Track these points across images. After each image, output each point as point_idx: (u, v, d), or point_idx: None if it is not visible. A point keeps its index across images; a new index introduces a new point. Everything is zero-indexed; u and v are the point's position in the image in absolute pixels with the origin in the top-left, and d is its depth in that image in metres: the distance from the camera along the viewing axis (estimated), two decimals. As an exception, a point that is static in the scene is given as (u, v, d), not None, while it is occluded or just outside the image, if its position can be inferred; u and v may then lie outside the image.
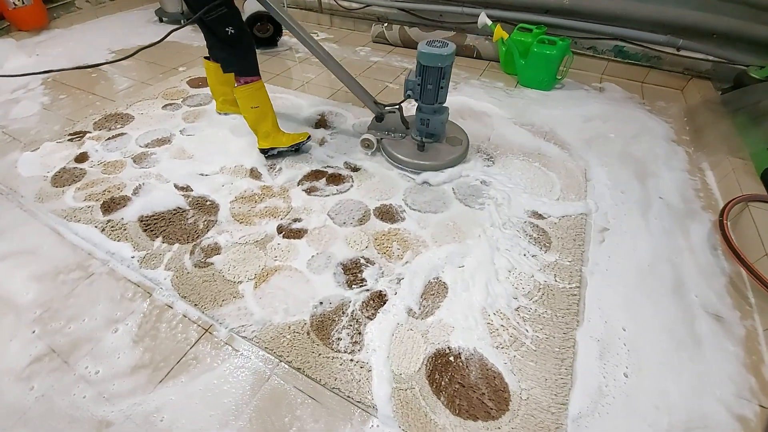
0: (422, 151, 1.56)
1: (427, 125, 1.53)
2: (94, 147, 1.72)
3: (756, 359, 1.02)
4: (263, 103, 1.52)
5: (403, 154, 1.56)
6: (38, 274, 1.23)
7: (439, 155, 1.56)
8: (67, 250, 1.29)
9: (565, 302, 1.11)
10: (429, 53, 1.32)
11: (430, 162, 1.53)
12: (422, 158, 1.54)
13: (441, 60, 1.32)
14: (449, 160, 1.55)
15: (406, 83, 1.45)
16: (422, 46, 1.35)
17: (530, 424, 0.87)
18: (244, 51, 1.44)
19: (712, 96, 1.97)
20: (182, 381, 0.95)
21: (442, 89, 1.41)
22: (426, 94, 1.42)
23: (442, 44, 1.35)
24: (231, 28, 1.36)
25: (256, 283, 1.14)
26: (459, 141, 1.63)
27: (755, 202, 1.31)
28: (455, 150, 1.59)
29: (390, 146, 1.60)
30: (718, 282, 1.22)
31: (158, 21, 3.10)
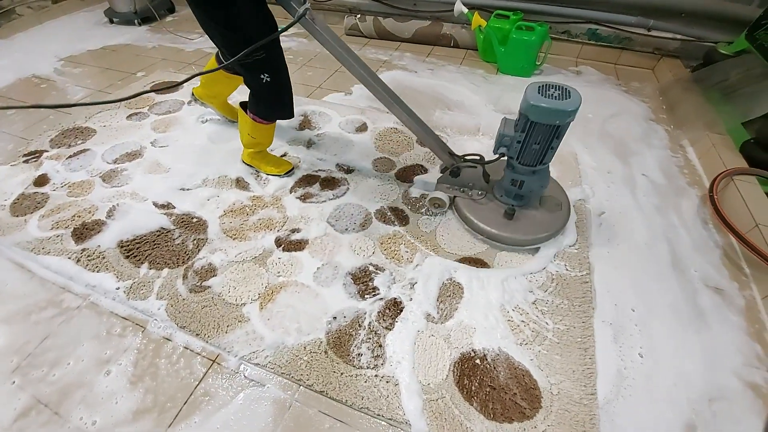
0: (510, 220, 1.22)
1: (520, 187, 1.19)
2: (54, 167, 1.55)
3: (759, 327, 1.07)
4: (263, 138, 1.39)
5: (486, 221, 1.22)
6: (6, 316, 1.09)
7: (532, 226, 1.21)
8: (35, 286, 1.15)
9: (579, 290, 1.12)
10: (547, 108, 0.98)
11: (522, 236, 1.20)
12: (511, 230, 1.21)
13: (562, 117, 0.99)
14: (546, 235, 1.20)
15: (500, 137, 1.11)
16: (534, 95, 1.00)
17: (565, 419, 0.86)
18: (274, 100, 1.23)
19: (682, 74, 2.05)
20: (196, 421, 0.87)
21: (552, 149, 1.08)
22: (528, 154, 1.10)
23: (562, 94, 1.00)
24: (266, 75, 1.13)
25: (261, 304, 1.07)
26: (557, 204, 1.27)
27: (740, 175, 1.37)
28: (553, 219, 1.23)
29: (467, 209, 1.27)
30: (713, 255, 1.27)
31: (108, 22, 2.84)
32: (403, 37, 2.56)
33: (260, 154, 1.46)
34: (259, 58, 1.09)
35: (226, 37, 1.10)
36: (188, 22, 3.02)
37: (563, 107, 0.98)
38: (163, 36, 2.75)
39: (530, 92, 1.02)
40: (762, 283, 1.14)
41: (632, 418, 0.90)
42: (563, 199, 1.30)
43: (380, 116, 1.86)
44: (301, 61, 2.42)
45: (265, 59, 1.11)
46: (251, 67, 1.13)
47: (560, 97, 0.99)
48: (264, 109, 1.27)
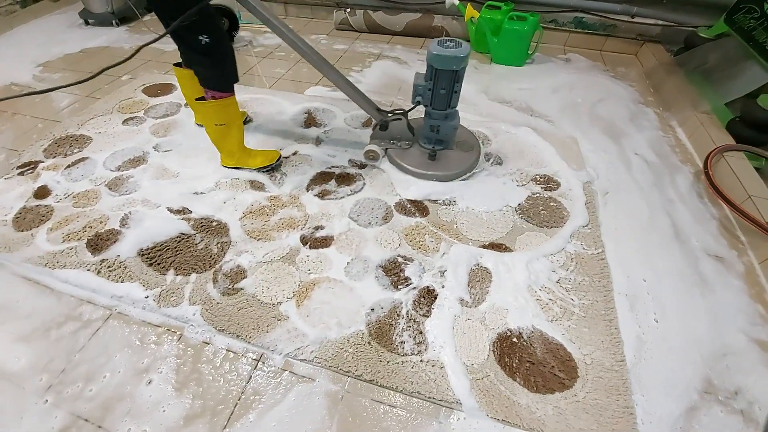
0: (433, 161, 1.46)
1: (437, 131, 1.44)
2: (53, 178, 1.48)
3: (758, 289, 1.17)
4: (230, 120, 1.36)
5: (414, 164, 1.46)
6: (24, 335, 1.06)
7: (450, 164, 1.47)
8: (49, 301, 1.11)
9: (597, 267, 1.19)
10: (442, 55, 1.22)
11: (442, 172, 1.45)
12: (434, 168, 1.45)
13: (456, 62, 1.23)
14: (462, 169, 1.46)
15: (415, 88, 1.34)
16: (434, 47, 1.24)
17: (601, 385, 0.93)
18: (218, 61, 1.25)
19: (665, 58, 2.16)
20: (251, 420, 0.88)
21: (455, 93, 1.32)
22: (438, 99, 1.33)
23: (455, 44, 1.25)
24: (205, 36, 1.17)
25: (297, 302, 1.08)
26: (470, 146, 1.54)
27: (729, 152, 1.48)
28: (467, 156, 1.50)
29: (398, 156, 1.50)
30: (710, 226, 1.37)
31: (83, 24, 2.70)
32: (394, 30, 2.57)
33: (239, 151, 1.43)
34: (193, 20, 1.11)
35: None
36: (168, 20, 2.91)
37: (455, 53, 1.22)
38: (142, 36, 2.64)
39: (432, 46, 1.25)
40: (758, 249, 1.25)
41: (656, 378, 0.97)
42: (474, 142, 1.57)
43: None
44: (295, 57, 2.39)
45: (198, 21, 1.12)
46: (186, 30, 1.14)
47: (454, 47, 1.24)
48: (217, 75, 1.27)
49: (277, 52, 2.46)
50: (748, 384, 0.97)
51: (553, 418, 0.87)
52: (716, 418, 0.92)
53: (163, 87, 2.04)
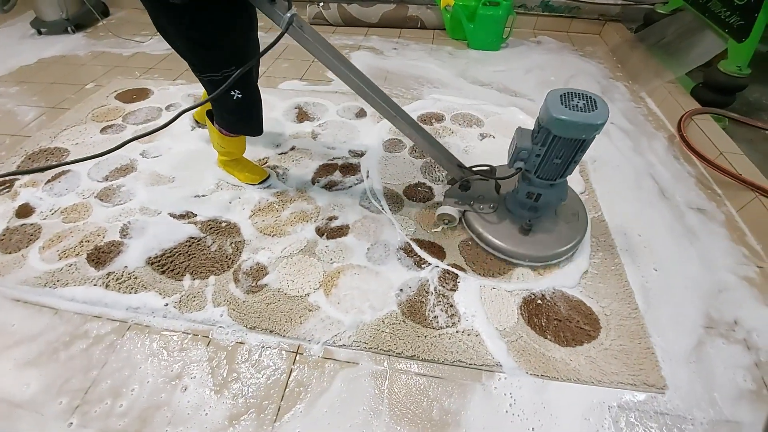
0: (527, 235, 1.13)
1: (536, 200, 1.10)
2: (34, 195, 1.38)
3: (740, 234, 1.30)
4: (234, 149, 1.30)
5: (502, 237, 1.13)
6: (29, 359, 0.98)
7: (550, 240, 1.12)
8: (50, 321, 1.04)
9: (600, 228, 1.27)
10: (573, 122, 0.87)
11: (541, 252, 1.11)
12: (529, 246, 1.11)
13: (588, 131, 0.89)
14: (566, 248, 1.11)
15: (518, 151, 1.00)
16: (554, 106, 0.89)
17: (623, 333, 1.00)
18: (244, 115, 1.13)
19: (627, 36, 2.31)
20: (301, 411, 0.87)
21: (574, 164, 0.98)
22: (548, 168, 1.00)
23: (587, 103, 0.90)
24: (237, 91, 1.04)
25: (325, 291, 1.07)
26: (573, 213, 1.17)
27: (697, 115, 1.62)
28: (571, 230, 1.14)
29: (479, 223, 1.17)
30: (689, 183, 1.50)
31: (36, 34, 2.49)
32: (370, 22, 2.57)
33: (234, 161, 1.38)
34: (229, 74, 0.93)
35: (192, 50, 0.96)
36: (127, 24, 2.76)
37: (591, 120, 0.87)
38: (100, 42, 2.48)
39: (552, 102, 0.89)
40: (734, 199, 1.38)
41: (666, 319, 1.06)
42: (578, 207, 1.19)
43: (373, 100, 1.89)
44: (272, 53, 2.34)
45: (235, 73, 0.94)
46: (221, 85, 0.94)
47: (586, 108, 0.89)
48: (233, 125, 1.18)
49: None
50: (743, 315, 1.08)
51: (587, 366, 0.93)
52: (721, 348, 1.01)
53: (138, 92, 1.93)
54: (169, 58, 2.32)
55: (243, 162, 1.40)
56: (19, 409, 0.91)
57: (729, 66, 1.61)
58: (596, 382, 0.91)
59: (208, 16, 0.91)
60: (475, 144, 1.62)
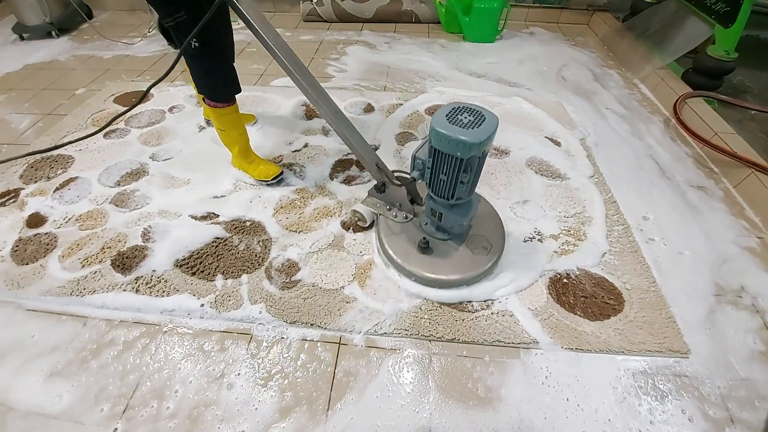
0: (425, 254, 1.08)
1: (440, 219, 1.05)
2: (44, 204, 1.34)
3: (739, 208, 1.38)
4: (231, 128, 1.30)
5: (398, 250, 1.09)
6: (58, 370, 0.97)
7: (445, 265, 1.06)
8: (72, 330, 1.03)
9: (612, 208, 1.33)
10: (444, 135, 0.82)
11: (427, 273, 1.04)
12: (420, 264, 1.06)
13: (462, 149, 0.82)
14: (456, 278, 1.04)
15: (413, 159, 0.96)
16: (438, 119, 0.84)
17: (646, 305, 1.06)
18: (209, 70, 1.16)
19: (615, 25, 2.40)
20: (352, 399, 0.90)
21: (462, 184, 0.91)
22: (438, 184, 0.94)
23: (475, 118, 0.84)
24: (195, 41, 1.06)
25: (360, 283, 1.09)
26: (485, 246, 1.09)
27: (690, 98, 1.70)
28: (472, 261, 1.06)
29: (384, 232, 1.14)
30: (687, 163, 1.59)
31: (18, 39, 2.38)
32: (364, 18, 2.58)
33: (246, 158, 1.39)
34: (181, 20, 1.02)
35: None
36: (112, 26, 2.68)
37: (466, 138, 0.79)
38: (87, 45, 2.40)
39: (439, 113, 0.85)
40: (730, 176, 1.47)
41: (679, 290, 1.13)
42: (496, 243, 1.11)
43: (379, 95, 1.91)
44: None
45: (189, 22, 1.00)
46: (175, 30, 1.07)
47: (469, 125, 0.82)
48: (206, 86, 1.19)
49: (248, 48, 2.37)
50: (748, 282, 1.16)
51: (616, 338, 0.99)
52: (731, 315, 1.09)
53: (137, 95, 1.88)
54: (163, 59, 2.27)
55: (256, 159, 1.40)
56: (54, 420, 0.89)
57: (717, 51, 1.70)
58: (626, 352, 0.96)
59: None
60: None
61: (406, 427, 0.86)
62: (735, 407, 0.90)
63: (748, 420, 0.88)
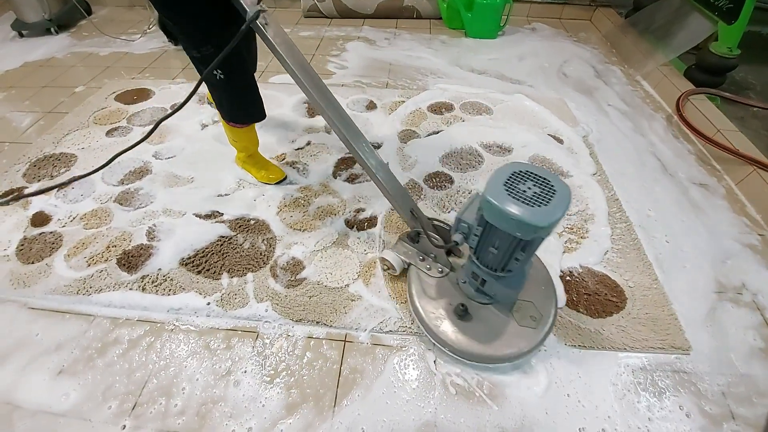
0: (463, 320, 0.93)
1: (482, 284, 0.90)
2: (48, 203, 1.34)
3: (740, 205, 1.39)
4: (244, 140, 1.30)
5: (430, 311, 0.94)
6: (64, 368, 0.97)
7: (486, 337, 0.90)
8: (77, 328, 1.04)
9: (615, 206, 1.34)
10: (502, 213, 0.66)
11: (465, 347, 0.89)
12: (454, 332, 0.91)
13: (525, 231, 0.66)
14: (499, 355, 0.89)
15: (457, 221, 0.82)
16: (495, 188, 0.68)
17: (647, 302, 1.07)
18: (233, 99, 1.13)
19: (618, 21, 2.39)
20: (358, 395, 0.91)
21: (516, 261, 0.78)
22: (486, 255, 0.81)
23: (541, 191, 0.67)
24: (219, 71, 1.04)
25: (364, 281, 1.10)
26: (533, 316, 0.92)
27: (693, 95, 1.70)
28: (519, 335, 0.90)
29: (415, 286, 0.99)
30: (690, 160, 1.59)
31: (17, 36, 2.36)
32: (365, 14, 2.56)
33: (252, 159, 1.38)
34: (207, 54, 0.99)
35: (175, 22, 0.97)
36: (111, 23, 2.66)
37: (531, 220, 0.64)
38: (86, 42, 2.39)
39: (496, 178, 0.69)
40: (732, 173, 1.48)
41: (681, 287, 1.13)
42: (546, 311, 0.93)
43: (381, 92, 1.90)
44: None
45: (215, 55, 0.95)
46: (202, 63, 1.02)
47: (534, 201, 0.65)
48: (227, 111, 1.17)
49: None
50: (748, 279, 1.17)
51: (618, 335, 1.00)
52: (731, 312, 1.09)
53: (138, 93, 1.88)
54: (164, 57, 2.26)
55: (261, 161, 1.40)
56: (62, 419, 0.90)
57: (720, 48, 1.70)
58: (629, 349, 0.98)
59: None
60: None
61: (411, 422, 0.87)
62: (733, 403, 0.91)
63: (746, 416, 0.90)
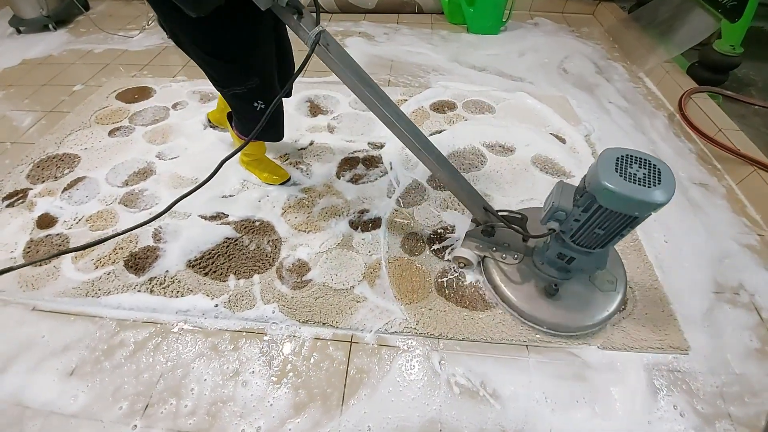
0: (554, 298, 1.00)
1: (569, 262, 0.95)
2: (53, 204, 1.35)
3: (740, 205, 1.40)
4: (254, 151, 1.33)
5: (521, 295, 1.02)
6: (71, 370, 0.99)
7: (579, 309, 0.99)
8: (83, 330, 1.05)
9: (616, 207, 1.35)
10: (623, 196, 0.71)
11: (564, 322, 0.98)
12: (551, 311, 0.99)
13: (644, 209, 0.72)
14: (596, 321, 0.98)
15: (553, 210, 0.84)
16: (608, 172, 0.72)
17: (648, 301, 1.09)
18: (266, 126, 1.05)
19: (621, 15, 2.37)
20: (365, 394, 0.93)
21: (620, 237, 0.83)
22: (587, 237, 0.85)
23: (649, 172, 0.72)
24: (260, 102, 1.01)
25: (369, 282, 1.12)
26: (610, 280, 1.02)
27: (696, 93, 1.70)
28: (605, 300, 0.99)
29: (498, 275, 1.05)
30: (690, 159, 1.60)
31: (15, 32, 2.34)
32: (366, 8, 2.54)
33: (256, 161, 1.39)
34: (253, 87, 0.95)
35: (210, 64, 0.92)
36: (109, 18, 2.63)
37: (649, 198, 0.70)
38: (85, 38, 2.37)
39: (604, 165, 0.73)
40: (733, 173, 1.49)
41: (681, 288, 1.15)
42: (618, 272, 1.02)
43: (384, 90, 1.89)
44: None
45: (260, 86, 0.94)
46: (244, 97, 0.98)
47: (645, 181, 0.71)
48: (249, 130, 1.10)
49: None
50: (746, 279, 1.19)
51: (619, 335, 1.02)
52: (728, 312, 1.11)
53: (139, 91, 1.87)
54: (163, 53, 2.24)
55: (265, 162, 1.40)
56: (74, 419, 0.92)
57: (723, 46, 1.70)
58: (629, 349, 1.00)
59: (228, 29, 0.86)
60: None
61: (416, 419, 0.90)
62: (727, 403, 0.93)
63: (737, 415, 0.92)
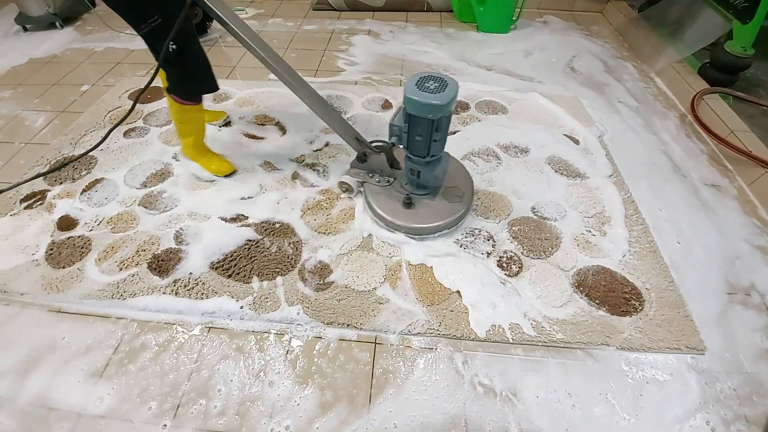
0: (409, 209, 1.25)
1: (418, 176, 1.21)
2: (72, 206, 1.36)
3: (752, 207, 1.42)
4: (191, 123, 1.34)
5: (385, 208, 1.26)
6: (98, 371, 1.01)
7: (428, 215, 1.24)
8: (104, 331, 1.07)
9: (631, 208, 1.37)
10: (415, 101, 0.98)
11: (416, 224, 1.22)
12: (407, 218, 1.23)
13: (433, 110, 0.99)
14: (440, 224, 1.23)
15: (391, 127, 1.11)
16: (410, 88, 1.00)
17: (664, 303, 1.12)
18: (184, 73, 1.18)
19: (631, 14, 2.37)
20: (391, 393, 0.95)
21: (435, 142, 1.08)
22: (414, 145, 1.11)
23: (439, 85, 1.00)
24: (172, 44, 1.07)
25: (391, 284, 1.14)
26: (458, 195, 1.29)
27: (708, 94, 1.72)
28: (451, 209, 1.25)
29: (371, 195, 1.30)
30: (701, 160, 1.62)
31: (21, 30, 2.32)
32: (375, 6, 2.52)
33: (200, 150, 1.42)
34: (156, 25, 1.04)
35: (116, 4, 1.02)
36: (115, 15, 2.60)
37: (433, 101, 0.97)
38: (92, 36, 2.35)
39: (408, 84, 1.02)
40: (744, 175, 1.50)
41: (695, 287, 1.18)
42: (467, 190, 1.31)
43: (396, 90, 1.90)
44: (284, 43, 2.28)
45: (162, 25, 1.01)
46: (151, 36, 1.07)
47: (435, 90, 0.99)
48: (180, 85, 1.21)
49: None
50: (758, 280, 1.22)
51: (637, 335, 1.04)
52: (741, 313, 1.13)
53: (151, 91, 1.86)
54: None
55: (209, 153, 1.44)
56: (103, 420, 0.94)
57: (734, 47, 1.71)
58: (647, 350, 1.02)
59: None
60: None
61: (440, 416, 0.92)
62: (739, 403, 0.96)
63: (747, 414, 0.94)
